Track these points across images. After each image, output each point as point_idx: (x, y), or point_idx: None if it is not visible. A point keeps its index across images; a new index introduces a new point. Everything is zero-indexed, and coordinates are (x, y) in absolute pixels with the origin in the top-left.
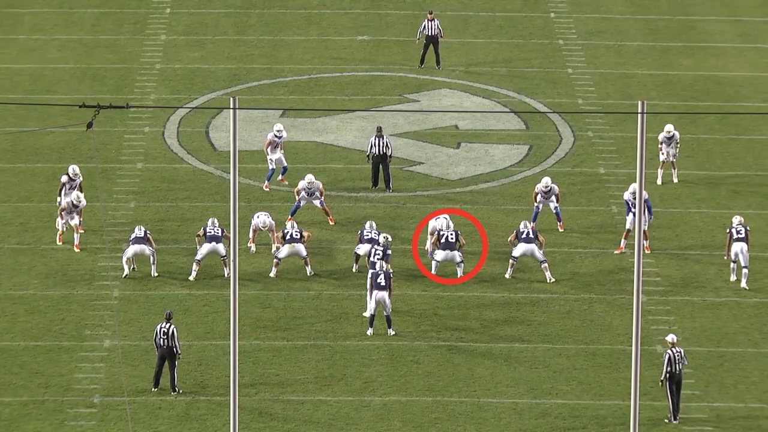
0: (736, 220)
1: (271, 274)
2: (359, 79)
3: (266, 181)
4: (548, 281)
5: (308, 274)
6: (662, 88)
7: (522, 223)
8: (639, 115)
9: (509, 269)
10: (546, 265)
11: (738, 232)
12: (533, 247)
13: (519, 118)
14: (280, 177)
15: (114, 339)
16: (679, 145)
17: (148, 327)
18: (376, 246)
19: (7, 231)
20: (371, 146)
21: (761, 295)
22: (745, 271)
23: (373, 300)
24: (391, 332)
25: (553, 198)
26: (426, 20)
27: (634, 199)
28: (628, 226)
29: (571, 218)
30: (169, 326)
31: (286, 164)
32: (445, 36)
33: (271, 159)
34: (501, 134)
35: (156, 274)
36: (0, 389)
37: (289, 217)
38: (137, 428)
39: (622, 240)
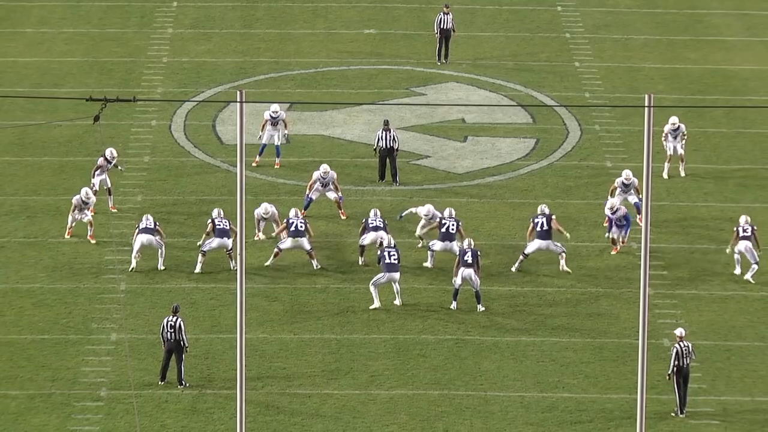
0: (743, 219)
1: (268, 263)
2: (366, 73)
3: (257, 156)
4: (561, 269)
5: (314, 267)
6: (669, 81)
7: (539, 212)
8: (646, 108)
9: (517, 263)
10: (563, 254)
11: (744, 231)
12: (548, 242)
13: (526, 111)
14: (276, 160)
15: (121, 332)
16: (686, 137)
17: (155, 320)
18: (389, 249)
19: (15, 224)
20: (378, 140)
21: None
22: (754, 266)
23: (459, 276)
24: (481, 308)
25: (633, 191)
26: (441, 13)
27: (612, 214)
28: (614, 235)
29: (578, 212)
30: (176, 319)
31: (279, 143)
32: (455, 31)
33: (261, 135)
34: (508, 128)
35: (163, 267)
36: (7, 382)
37: (303, 211)
38: (144, 422)
39: (614, 248)
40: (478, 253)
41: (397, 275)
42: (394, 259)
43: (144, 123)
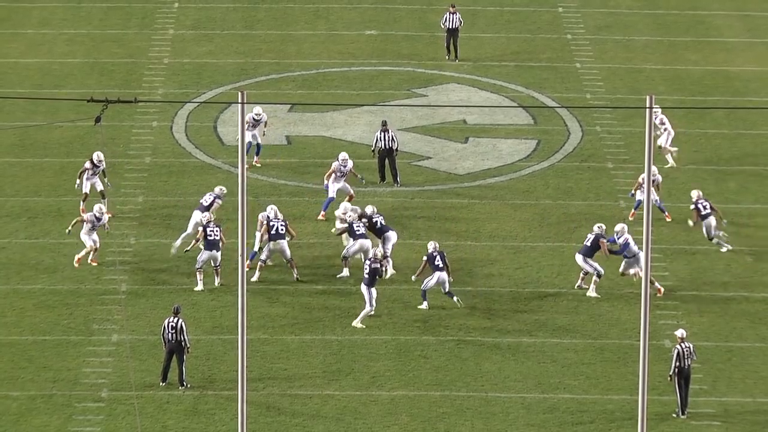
0: (695, 194)
1: (254, 278)
2: (367, 74)
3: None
4: (588, 293)
5: (294, 278)
6: (670, 82)
7: (595, 228)
8: (647, 110)
9: (579, 281)
10: (597, 279)
11: (704, 208)
12: (582, 258)
13: (527, 112)
14: (255, 158)
15: (122, 333)
16: (665, 128)
17: (156, 321)
18: (369, 260)
19: (15, 225)
20: (377, 140)
21: None
22: (720, 233)
23: (434, 280)
24: (458, 301)
25: (654, 188)
26: (448, 13)
27: (618, 237)
28: (621, 269)
29: (579, 213)
30: (177, 320)
31: (260, 142)
32: (462, 24)
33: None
34: (509, 129)
35: (176, 248)
36: (8, 383)
37: (322, 212)
38: (145, 423)
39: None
40: (444, 254)
41: (444, 274)
42: (366, 273)
43: (145, 124)
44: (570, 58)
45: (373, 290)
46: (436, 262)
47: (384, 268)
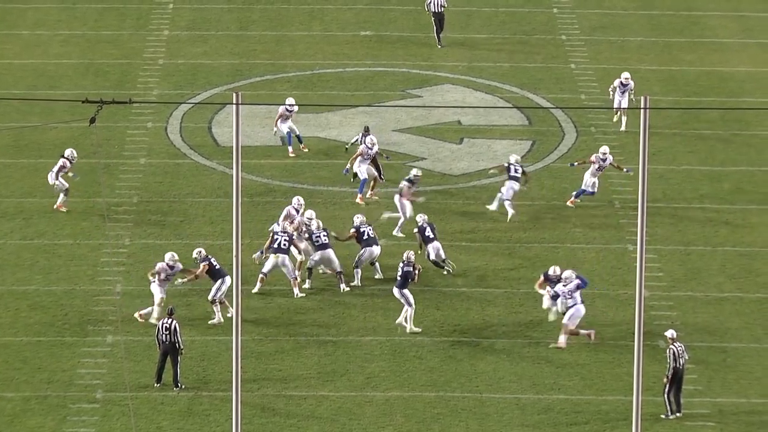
0: (513, 158)
1: (255, 290)
2: (362, 75)
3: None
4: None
5: (296, 296)
6: (665, 83)
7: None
8: (642, 110)
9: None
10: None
11: (516, 171)
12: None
13: (522, 113)
14: (302, 145)
15: (116, 334)
16: (633, 93)
17: (151, 322)
18: (402, 265)
19: (10, 226)
20: (357, 141)
21: (764, 290)
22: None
23: (431, 252)
24: (451, 268)
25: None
26: None
27: (564, 285)
28: (565, 320)
29: (574, 213)
30: (171, 321)
31: (299, 132)
32: (447, 29)
33: (280, 129)
34: (504, 130)
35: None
36: (2, 384)
37: (360, 195)
38: (140, 424)
39: (562, 336)
40: (434, 225)
41: (437, 244)
42: (399, 276)
43: (140, 125)
44: (565, 58)
45: (406, 291)
46: (427, 234)
47: (406, 274)
